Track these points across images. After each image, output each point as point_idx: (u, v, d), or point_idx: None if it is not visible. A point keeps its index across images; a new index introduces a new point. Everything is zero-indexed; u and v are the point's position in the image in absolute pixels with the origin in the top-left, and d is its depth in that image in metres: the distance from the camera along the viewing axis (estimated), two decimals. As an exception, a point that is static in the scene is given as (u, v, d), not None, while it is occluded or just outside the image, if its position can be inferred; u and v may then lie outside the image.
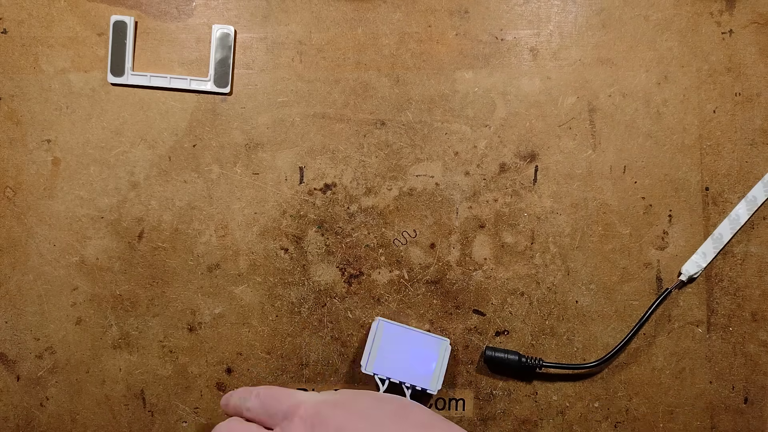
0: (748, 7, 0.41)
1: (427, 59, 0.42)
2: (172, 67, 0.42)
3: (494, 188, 0.42)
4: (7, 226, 0.42)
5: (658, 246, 0.41)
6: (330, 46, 0.42)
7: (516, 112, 0.42)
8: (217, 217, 0.42)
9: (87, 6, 0.43)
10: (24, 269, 0.42)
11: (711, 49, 0.41)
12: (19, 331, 0.42)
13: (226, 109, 0.42)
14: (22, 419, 0.42)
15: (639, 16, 0.42)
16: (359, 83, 0.42)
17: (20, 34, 0.43)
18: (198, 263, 0.42)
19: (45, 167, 0.42)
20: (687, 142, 0.41)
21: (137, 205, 0.42)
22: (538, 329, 0.41)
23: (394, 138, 0.42)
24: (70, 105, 0.42)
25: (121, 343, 0.42)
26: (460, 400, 0.41)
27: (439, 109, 0.42)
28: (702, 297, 0.41)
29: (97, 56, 0.42)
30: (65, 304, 0.42)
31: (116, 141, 0.42)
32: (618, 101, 0.41)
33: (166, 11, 0.43)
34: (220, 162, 0.42)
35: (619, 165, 0.41)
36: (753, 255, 0.41)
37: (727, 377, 0.41)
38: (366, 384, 0.41)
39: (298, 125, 0.42)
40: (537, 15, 0.42)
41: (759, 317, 0.41)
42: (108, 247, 0.42)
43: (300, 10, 0.42)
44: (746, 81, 0.41)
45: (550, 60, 0.42)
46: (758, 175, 0.41)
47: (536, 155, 0.42)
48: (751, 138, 0.41)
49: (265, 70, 0.42)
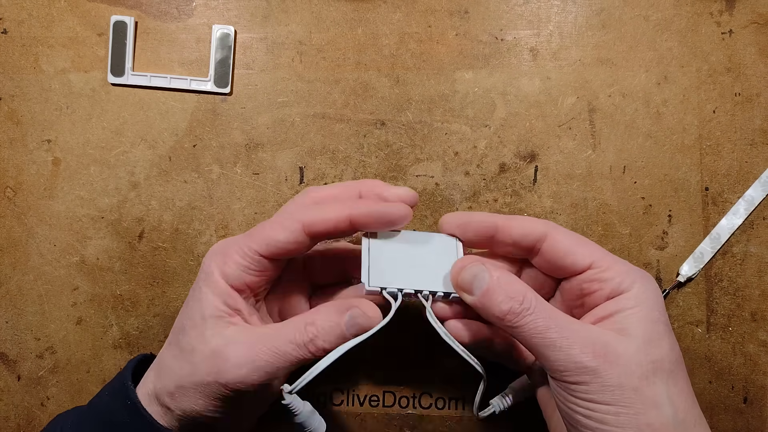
0: (748, 7, 0.41)
1: (427, 59, 0.42)
2: (172, 67, 0.42)
3: (494, 188, 0.42)
4: (8, 226, 0.42)
5: (657, 246, 0.41)
6: (330, 46, 0.42)
7: (516, 112, 0.42)
8: (217, 217, 0.42)
9: (87, 6, 0.43)
10: (24, 269, 0.42)
11: (711, 49, 0.41)
12: (19, 331, 0.42)
13: (226, 109, 0.42)
14: (22, 419, 0.42)
15: (639, 16, 0.42)
16: (359, 83, 0.42)
17: (20, 34, 0.43)
18: (198, 263, 0.42)
19: (45, 167, 0.42)
20: (687, 142, 0.41)
21: (137, 205, 0.42)
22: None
23: (394, 138, 0.42)
24: (70, 105, 0.42)
25: (121, 343, 0.42)
26: (459, 400, 0.41)
27: (439, 109, 0.42)
28: (701, 297, 0.41)
29: (97, 56, 0.42)
30: (66, 304, 0.42)
31: (116, 141, 0.42)
32: (618, 101, 0.41)
33: (166, 11, 0.43)
34: (220, 162, 0.42)
35: (618, 165, 0.41)
36: (752, 255, 0.41)
37: (727, 377, 0.41)
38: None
39: (298, 125, 0.42)
40: (537, 15, 0.42)
41: (758, 317, 0.41)
42: (108, 247, 0.42)
43: (300, 10, 0.42)
44: (746, 81, 0.41)
45: (550, 60, 0.42)
46: (758, 175, 0.41)
47: (536, 155, 0.42)
48: (750, 138, 0.41)
49: (265, 70, 0.42)
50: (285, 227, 0.30)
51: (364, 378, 0.42)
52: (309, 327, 0.30)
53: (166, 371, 0.31)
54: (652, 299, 0.29)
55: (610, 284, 0.30)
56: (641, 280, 0.30)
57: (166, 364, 0.32)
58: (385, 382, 0.42)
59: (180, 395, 0.30)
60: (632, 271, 0.30)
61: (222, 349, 0.29)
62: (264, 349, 0.29)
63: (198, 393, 0.29)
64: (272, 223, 0.31)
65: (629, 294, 0.29)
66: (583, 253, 0.31)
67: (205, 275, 0.31)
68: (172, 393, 0.30)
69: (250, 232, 0.31)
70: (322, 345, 0.29)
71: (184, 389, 0.30)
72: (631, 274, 0.30)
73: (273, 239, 0.30)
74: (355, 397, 0.42)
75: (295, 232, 0.30)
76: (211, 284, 0.31)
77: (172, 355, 0.31)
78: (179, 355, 0.31)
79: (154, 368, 0.33)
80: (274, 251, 0.30)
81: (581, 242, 0.32)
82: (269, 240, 0.30)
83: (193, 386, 0.29)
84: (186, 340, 0.30)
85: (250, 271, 0.31)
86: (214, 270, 0.31)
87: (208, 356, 0.29)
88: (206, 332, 0.30)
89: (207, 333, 0.30)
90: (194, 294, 0.31)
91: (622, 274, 0.30)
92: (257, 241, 0.30)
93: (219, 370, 0.29)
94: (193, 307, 0.31)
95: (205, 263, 0.31)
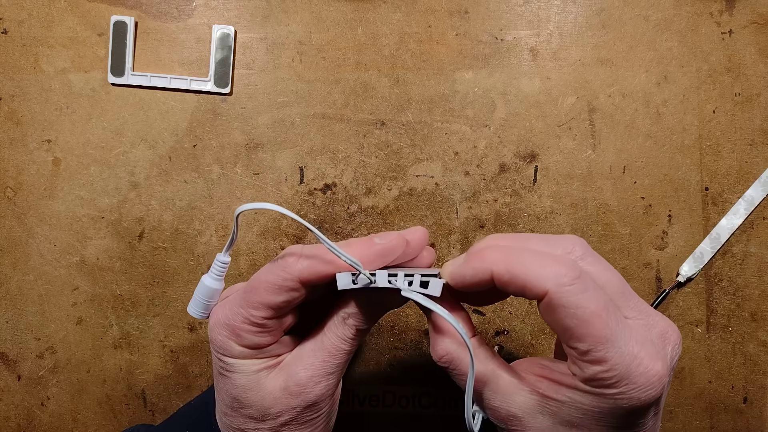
0: (748, 8, 0.41)
1: (427, 59, 0.42)
2: (173, 67, 0.43)
3: (494, 188, 0.42)
4: (8, 226, 0.42)
5: (657, 246, 0.41)
6: (330, 46, 0.42)
7: (516, 112, 0.42)
8: (217, 217, 0.42)
9: (87, 6, 0.43)
10: (25, 269, 0.42)
11: (711, 49, 0.41)
12: (20, 331, 0.42)
13: (226, 109, 0.42)
14: (23, 419, 0.42)
15: (639, 17, 0.42)
16: (359, 83, 0.42)
17: (20, 34, 0.43)
18: (198, 263, 0.42)
19: (45, 167, 0.42)
20: (687, 142, 0.41)
21: (138, 205, 0.42)
22: (537, 329, 0.41)
23: (394, 138, 0.42)
24: (70, 105, 0.42)
25: (121, 343, 0.42)
26: (460, 400, 0.41)
27: (439, 109, 0.42)
28: (701, 297, 0.41)
29: (98, 56, 0.42)
30: (66, 304, 0.42)
31: (116, 141, 0.42)
32: (618, 101, 0.41)
33: (166, 11, 0.43)
34: (220, 162, 0.42)
35: (618, 165, 0.41)
36: (752, 255, 0.41)
37: (727, 377, 0.41)
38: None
39: (298, 125, 0.42)
40: (537, 15, 0.42)
41: (758, 317, 0.41)
42: (108, 247, 0.42)
43: (300, 10, 0.42)
44: (746, 81, 0.41)
45: (549, 60, 0.42)
46: (758, 175, 0.41)
47: (536, 155, 0.42)
48: (750, 138, 0.41)
49: (265, 70, 0.42)
50: (277, 282, 0.28)
51: (364, 378, 0.42)
52: (347, 320, 0.29)
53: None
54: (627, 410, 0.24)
55: (590, 372, 0.25)
56: (638, 377, 0.24)
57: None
58: (385, 382, 0.42)
59: None
60: (634, 376, 0.24)
61: (290, 380, 0.29)
62: (321, 357, 0.29)
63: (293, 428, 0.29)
64: (264, 283, 0.28)
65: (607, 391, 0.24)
66: (583, 340, 0.24)
67: (225, 349, 0.29)
68: None
69: (246, 295, 0.29)
70: (360, 326, 0.29)
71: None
72: (632, 379, 0.24)
73: (267, 298, 0.28)
74: (355, 397, 0.42)
75: (290, 290, 0.28)
76: (236, 355, 0.29)
77: (239, 427, 0.30)
78: (249, 419, 0.29)
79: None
80: (271, 312, 0.29)
81: (590, 319, 0.24)
82: (264, 299, 0.28)
83: (283, 427, 0.29)
84: (248, 404, 0.29)
85: (261, 331, 0.29)
86: (231, 345, 0.29)
87: (279, 397, 0.29)
88: (261, 385, 0.29)
89: (263, 385, 0.29)
90: (225, 367, 0.30)
91: (614, 372, 0.24)
92: (252, 302, 0.28)
93: (301, 394, 0.29)
94: (232, 376, 0.29)
95: (215, 341, 0.29)
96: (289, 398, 0.29)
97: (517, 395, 0.27)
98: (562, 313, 0.25)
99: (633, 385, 0.24)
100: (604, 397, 0.25)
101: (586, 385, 0.25)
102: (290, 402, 0.29)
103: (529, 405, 0.27)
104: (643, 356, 0.24)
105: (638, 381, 0.24)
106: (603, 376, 0.24)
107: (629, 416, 0.25)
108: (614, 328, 0.24)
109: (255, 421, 0.30)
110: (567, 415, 0.26)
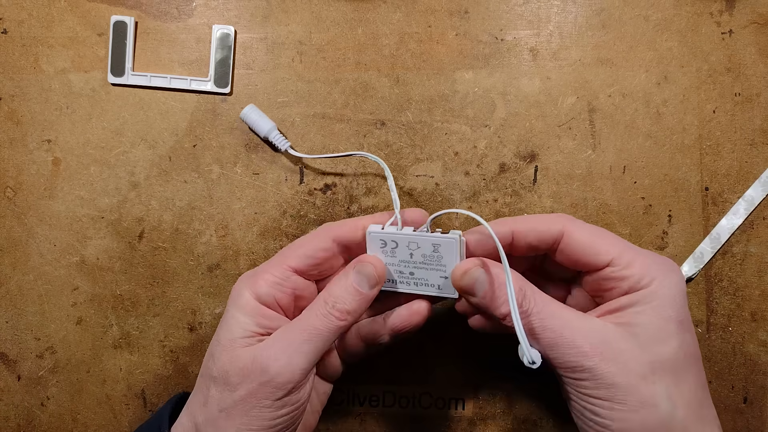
0: (748, 7, 0.41)
1: (427, 59, 0.42)
2: (172, 67, 0.43)
3: (494, 188, 0.42)
4: (8, 226, 0.42)
5: (657, 246, 0.41)
6: (330, 46, 0.42)
7: (516, 112, 0.42)
8: (217, 217, 0.42)
9: (87, 6, 0.43)
10: (24, 269, 0.42)
11: (711, 49, 0.41)
12: (19, 331, 0.42)
13: (226, 109, 0.42)
14: (22, 419, 0.42)
15: (639, 16, 0.42)
16: (359, 83, 0.42)
17: (20, 34, 0.43)
18: (198, 263, 0.42)
19: (45, 167, 0.42)
20: (687, 142, 0.41)
21: (137, 205, 0.42)
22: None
23: (394, 138, 0.42)
24: (70, 105, 0.42)
25: (121, 343, 0.42)
26: (459, 400, 0.41)
27: (439, 109, 0.42)
28: (701, 297, 0.41)
29: (98, 56, 0.42)
30: (66, 304, 0.42)
31: (116, 141, 0.42)
32: (618, 101, 0.41)
33: (166, 11, 0.43)
34: (220, 162, 0.42)
35: (618, 165, 0.41)
36: (752, 255, 0.41)
37: (727, 377, 0.41)
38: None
39: (298, 125, 0.42)
40: (537, 15, 0.42)
41: (758, 317, 0.41)
42: (108, 247, 0.42)
43: (300, 10, 0.42)
44: (746, 81, 0.41)
45: (549, 60, 0.42)
46: (758, 175, 0.41)
47: (536, 155, 0.42)
48: (750, 138, 0.41)
49: (265, 70, 0.42)
50: (314, 236, 0.33)
51: (364, 378, 0.42)
52: (327, 298, 0.31)
53: (204, 402, 0.30)
54: (668, 296, 0.29)
55: (628, 282, 0.29)
56: (662, 275, 0.29)
57: (201, 395, 0.31)
58: (385, 382, 0.42)
59: (224, 420, 0.29)
60: (654, 266, 0.30)
61: (258, 353, 0.29)
62: (297, 333, 0.30)
63: (243, 412, 0.28)
64: (300, 240, 0.34)
65: (645, 291, 0.29)
66: (601, 251, 0.30)
67: (235, 297, 0.31)
68: (215, 420, 0.29)
69: (279, 253, 0.33)
70: (344, 307, 0.30)
71: (229, 413, 0.29)
72: (653, 269, 0.29)
73: (302, 250, 0.33)
74: (355, 397, 0.42)
75: (324, 240, 0.33)
76: (240, 305, 0.31)
77: (205, 384, 0.31)
78: (213, 381, 0.30)
79: (190, 404, 0.32)
80: (305, 261, 0.32)
81: (600, 237, 0.31)
82: (299, 251, 0.33)
83: (237, 404, 0.29)
84: (218, 366, 0.30)
85: (282, 288, 0.32)
86: (243, 290, 0.31)
87: (244, 367, 0.29)
88: (236, 351, 0.30)
89: (237, 352, 0.30)
90: (223, 319, 0.31)
91: (642, 270, 0.29)
92: (286, 254, 0.33)
93: (262, 370, 0.28)
94: (222, 331, 0.31)
95: (234, 288, 0.32)
96: (251, 368, 0.29)
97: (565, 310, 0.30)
98: (581, 239, 0.31)
99: (663, 280, 0.29)
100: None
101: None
102: (250, 373, 0.29)
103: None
104: (659, 261, 0.30)
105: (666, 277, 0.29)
106: (636, 279, 0.29)
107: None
108: (627, 242, 0.31)
109: (216, 386, 0.30)
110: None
